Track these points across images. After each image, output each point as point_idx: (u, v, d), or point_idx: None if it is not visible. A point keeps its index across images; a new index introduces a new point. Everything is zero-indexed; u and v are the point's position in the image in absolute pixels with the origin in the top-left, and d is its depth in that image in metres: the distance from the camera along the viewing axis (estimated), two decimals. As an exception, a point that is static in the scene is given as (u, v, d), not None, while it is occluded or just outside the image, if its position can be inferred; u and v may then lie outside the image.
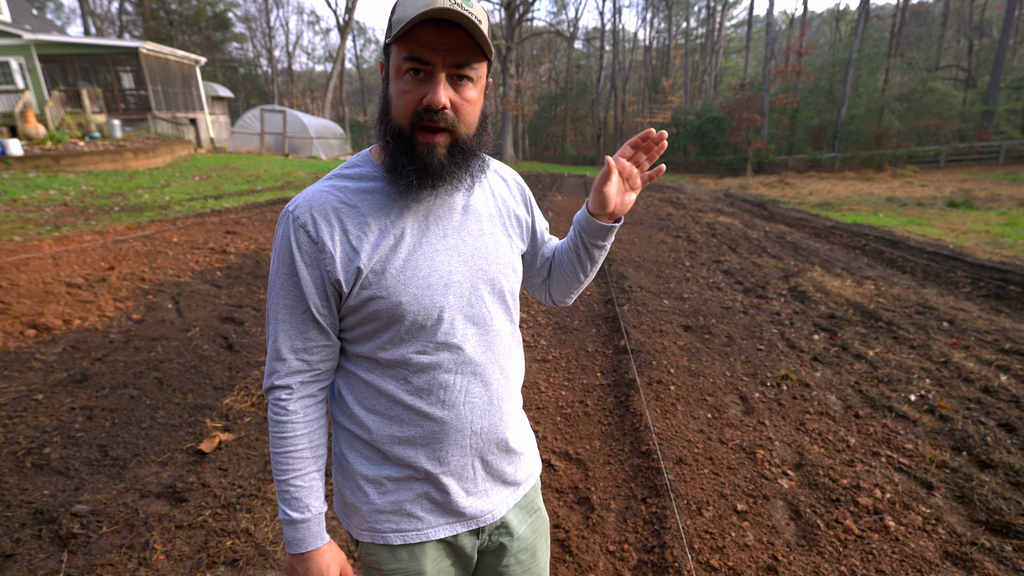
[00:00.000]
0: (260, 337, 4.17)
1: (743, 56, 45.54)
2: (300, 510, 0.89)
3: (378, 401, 0.89)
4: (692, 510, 2.30)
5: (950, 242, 8.48)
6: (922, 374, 3.56)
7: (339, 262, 0.83)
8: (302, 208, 0.84)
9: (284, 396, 0.88)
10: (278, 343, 0.87)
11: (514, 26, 33.95)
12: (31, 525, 2.17)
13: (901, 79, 30.55)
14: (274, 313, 0.87)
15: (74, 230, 7.59)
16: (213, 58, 44.83)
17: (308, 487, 0.90)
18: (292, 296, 0.85)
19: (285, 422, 0.88)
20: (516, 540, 1.01)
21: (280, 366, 0.87)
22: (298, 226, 0.83)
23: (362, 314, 0.85)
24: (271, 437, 0.89)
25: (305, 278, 0.84)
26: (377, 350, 0.87)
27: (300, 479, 0.89)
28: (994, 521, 2.18)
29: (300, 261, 0.83)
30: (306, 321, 0.86)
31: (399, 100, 0.81)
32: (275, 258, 0.87)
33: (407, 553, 0.93)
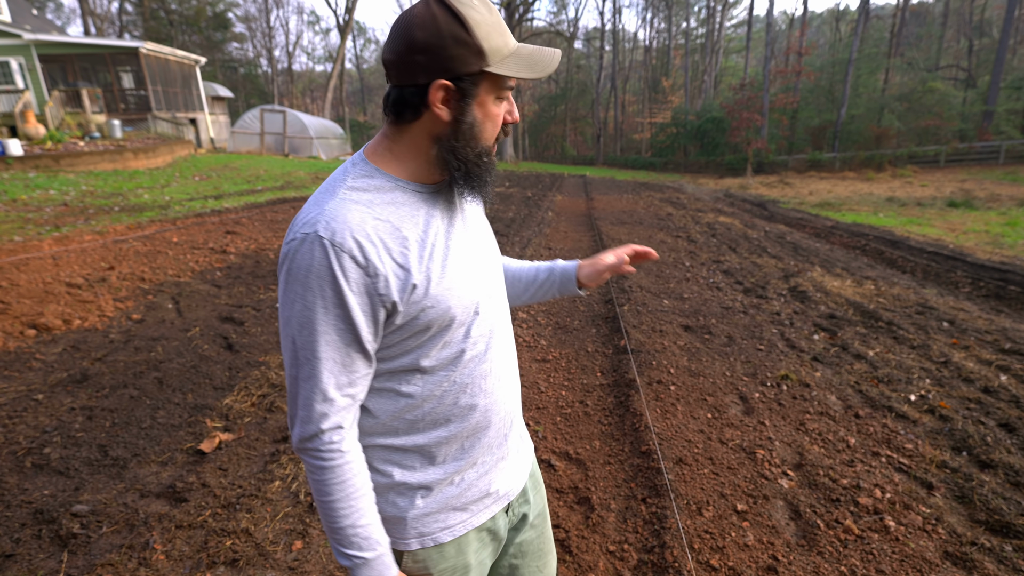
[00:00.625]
0: (260, 337, 4.17)
1: (743, 56, 45.54)
2: (372, 547, 0.84)
3: (418, 408, 0.88)
4: (692, 510, 2.30)
5: (950, 242, 8.48)
6: (922, 374, 3.56)
7: (393, 284, 0.79)
8: (340, 232, 0.76)
9: (335, 438, 0.81)
10: (322, 384, 0.79)
11: (514, 26, 33.96)
12: (31, 525, 2.17)
13: (901, 79, 30.57)
14: (310, 352, 0.78)
15: (74, 230, 7.59)
16: (213, 58, 44.83)
17: (374, 522, 0.85)
18: (336, 330, 0.78)
19: (340, 465, 0.81)
20: (532, 507, 1.09)
21: (327, 407, 0.80)
22: (341, 252, 0.75)
23: (412, 328, 0.83)
24: (321, 486, 0.82)
25: (354, 308, 0.77)
26: (421, 358, 0.86)
27: (366, 517, 0.84)
28: (994, 521, 2.18)
29: (348, 290, 0.76)
30: (352, 354, 0.80)
31: (491, 124, 0.85)
32: (303, 291, 0.77)
33: (454, 548, 0.94)
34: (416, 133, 0.84)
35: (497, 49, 0.79)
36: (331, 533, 0.84)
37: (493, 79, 0.81)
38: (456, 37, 0.76)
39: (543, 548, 1.14)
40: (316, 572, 1.98)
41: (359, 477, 0.84)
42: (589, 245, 8.13)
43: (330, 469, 0.81)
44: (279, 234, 8.08)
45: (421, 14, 0.77)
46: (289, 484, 2.44)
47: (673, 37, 44.55)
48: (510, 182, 18.49)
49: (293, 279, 0.77)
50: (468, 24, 0.76)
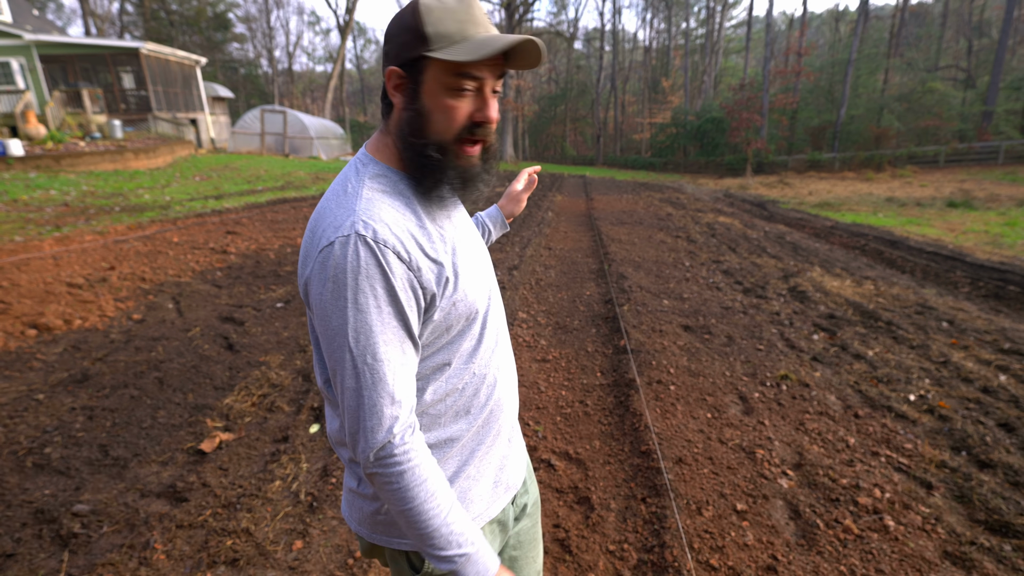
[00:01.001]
0: (261, 337, 4.18)
1: (743, 56, 45.55)
2: (472, 540, 0.81)
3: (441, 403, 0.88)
4: (692, 510, 2.30)
5: (949, 242, 8.49)
6: (921, 374, 3.56)
7: (431, 278, 0.79)
8: (381, 230, 0.75)
9: (407, 439, 0.77)
10: (389, 387, 0.76)
11: (514, 26, 33.95)
12: (32, 525, 2.18)
13: (901, 79, 30.58)
14: (371, 357, 0.75)
15: (75, 230, 7.59)
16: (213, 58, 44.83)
17: (465, 515, 0.82)
18: (390, 329, 0.76)
19: (419, 464, 0.78)
20: (530, 496, 1.12)
21: (397, 410, 0.77)
22: (386, 249, 0.74)
23: (446, 323, 0.83)
24: (403, 493, 0.77)
25: (404, 303, 0.76)
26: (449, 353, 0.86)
27: (456, 511, 0.81)
28: (993, 521, 2.19)
29: (397, 287, 0.75)
30: (407, 351, 0.79)
31: (444, 115, 0.80)
32: (355, 295, 0.74)
33: None
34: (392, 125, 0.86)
35: (446, 35, 0.76)
36: (423, 540, 0.79)
37: (441, 66, 0.77)
38: (407, 24, 0.78)
39: (536, 537, 1.15)
40: (316, 572, 1.98)
41: (437, 472, 0.81)
42: (589, 245, 8.14)
43: (411, 471, 0.77)
44: (279, 234, 8.09)
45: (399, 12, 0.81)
46: (289, 484, 2.45)
47: (673, 37, 44.56)
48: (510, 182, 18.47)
49: (339, 285, 0.74)
50: (420, 10, 0.77)
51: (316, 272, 0.76)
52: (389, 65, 0.80)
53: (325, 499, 2.35)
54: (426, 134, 0.81)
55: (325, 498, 2.36)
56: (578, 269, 6.67)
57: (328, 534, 2.17)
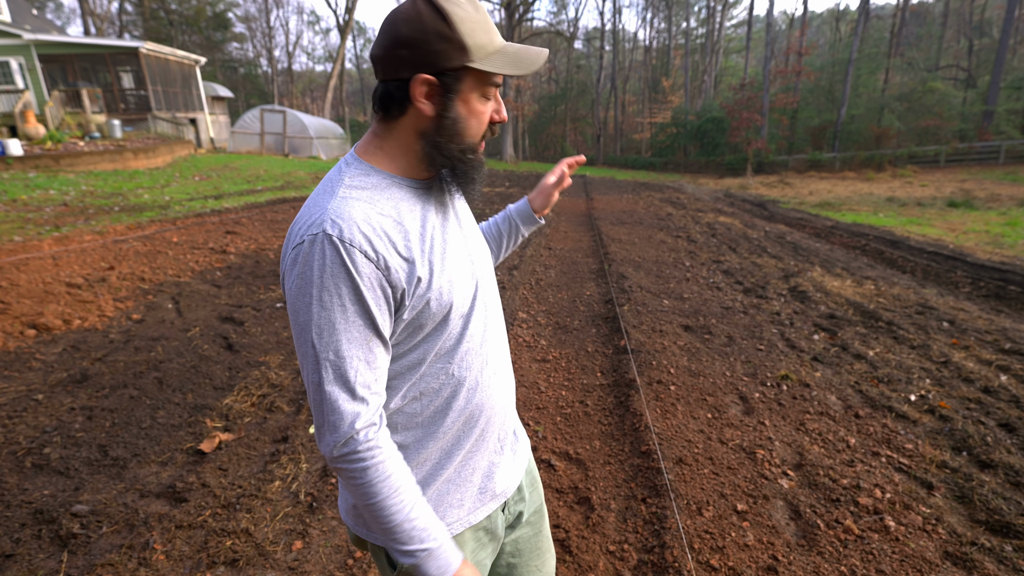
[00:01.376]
0: (260, 337, 4.17)
1: (743, 56, 45.54)
2: (434, 537, 0.83)
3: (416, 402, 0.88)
4: (692, 510, 2.30)
5: (950, 242, 8.48)
6: (922, 374, 3.56)
7: (401, 276, 0.80)
8: (348, 228, 0.76)
9: (371, 435, 0.79)
10: (351, 383, 0.78)
11: (514, 26, 33.93)
12: (31, 525, 2.17)
13: (901, 79, 30.58)
14: (334, 354, 0.77)
15: (74, 230, 7.59)
16: (213, 58, 44.83)
17: (427, 510, 0.84)
18: (355, 327, 0.77)
19: (382, 461, 0.79)
20: (528, 505, 1.10)
21: (359, 407, 0.78)
22: (352, 248, 0.75)
23: (417, 322, 0.84)
24: (366, 488, 0.79)
25: (370, 301, 0.77)
26: (423, 353, 0.87)
27: (418, 507, 0.83)
28: (994, 521, 2.18)
29: (362, 285, 0.76)
30: (374, 349, 0.80)
31: (477, 120, 0.85)
32: (319, 293, 0.76)
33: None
34: (403, 129, 0.85)
35: (481, 46, 0.81)
36: (387, 535, 0.82)
37: (477, 76, 0.82)
38: (439, 32, 0.78)
39: (541, 547, 1.13)
40: (316, 572, 1.98)
41: (402, 469, 0.82)
42: (589, 245, 8.13)
43: (373, 468, 0.79)
44: (279, 234, 8.08)
45: (407, 10, 0.79)
46: (289, 484, 2.44)
47: (673, 37, 44.54)
48: (510, 182, 18.49)
49: (306, 282, 0.76)
50: (451, 19, 0.78)
51: (288, 269, 0.79)
52: (417, 72, 0.79)
53: (325, 499, 2.35)
54: (463, 139, 0.85)
55: (325, 498, 2.36)
56: (578, 269, 6.66)
57: (328, 534, 2.16)
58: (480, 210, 11.15)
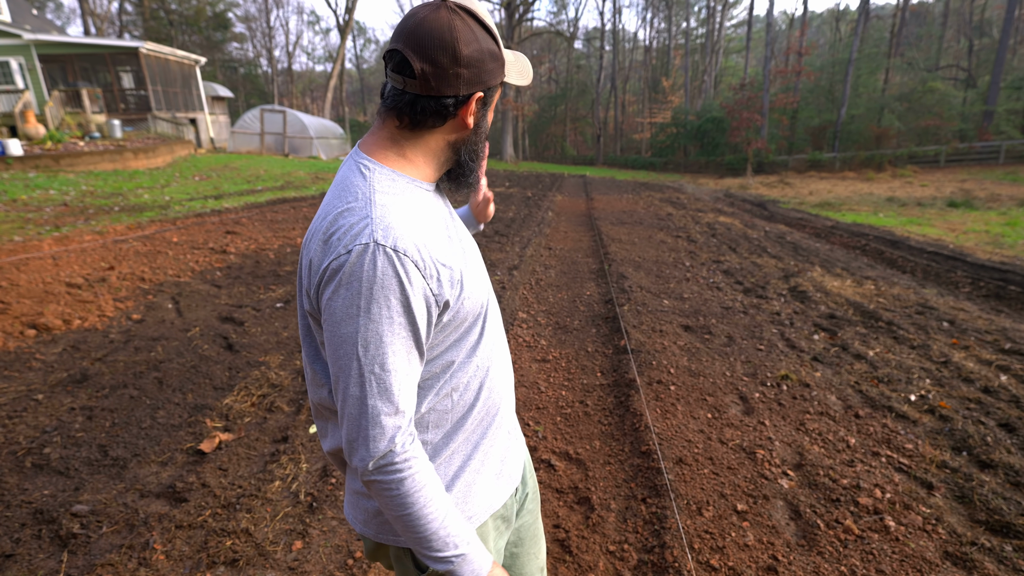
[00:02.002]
0: (260, 337, 4.17)
1: (743, 56, 45.54)
2: (466, 539, 0.83)
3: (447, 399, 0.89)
4: (692, 510, 2.30)
5: (950, 242, 8.48)
6: (922, 374, 3.56)
7: (445, 282, 0.79)
8: (401, 239, 0.75)
9: (407, 447, 0.78)
10: (394, 397, 0.76)
11: (514, 26, 33.93)
12: (31, 525, 2.17)
13: (901, 79, 30.58)
14: (379, 367, 0.75)
15: (74, 230, 7.59)
16: (213, 58, 44.83)
17: (458, 515, 0.84)
18: (399, 339, 0.76)
19: (418, 471, 0.78)
20: (529, 491, 1.14)
21: (400, 420, 0.77)
22: (405, 258, 0.74)
23: (455, 322, 0.84)
24: (403, 499, 0.77)
25: (418, 314, 0.77)
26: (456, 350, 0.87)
27: (451, 512, 0.82)
28: (994, 521, 2.18)
29: (412, 296, 0.75)
30: (413, 361, 0.79)
31: (489, 127, 0.93)
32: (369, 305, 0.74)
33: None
34: (435, 138, 0.86)
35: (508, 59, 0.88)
36: (421, 543, 0.80)
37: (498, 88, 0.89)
38: (491, 51, 0.82)
39: (537, 534, 1.16)
40: (316, 572, 1.98)
41: (434, 477, 0.82)
42: (589, 245, 8.13)
43: (410, 479, 0.77)
44: (279, 234, 8.08)
45: (461, 27, 0.77)
46: (289, 484, 2.44)
47: (673, 37, 44.54)
48: (510, 182, 18.49)
49: (353, 294, 0.74)
50: (496, 37, 0.83)
51: (327, 279, 0.75)
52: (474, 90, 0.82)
53: (325, 499, 2.35)
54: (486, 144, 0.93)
55: (325, 498, 2.36)
56: (578, 269, 6.66)
57: (328, 534, 2.16)
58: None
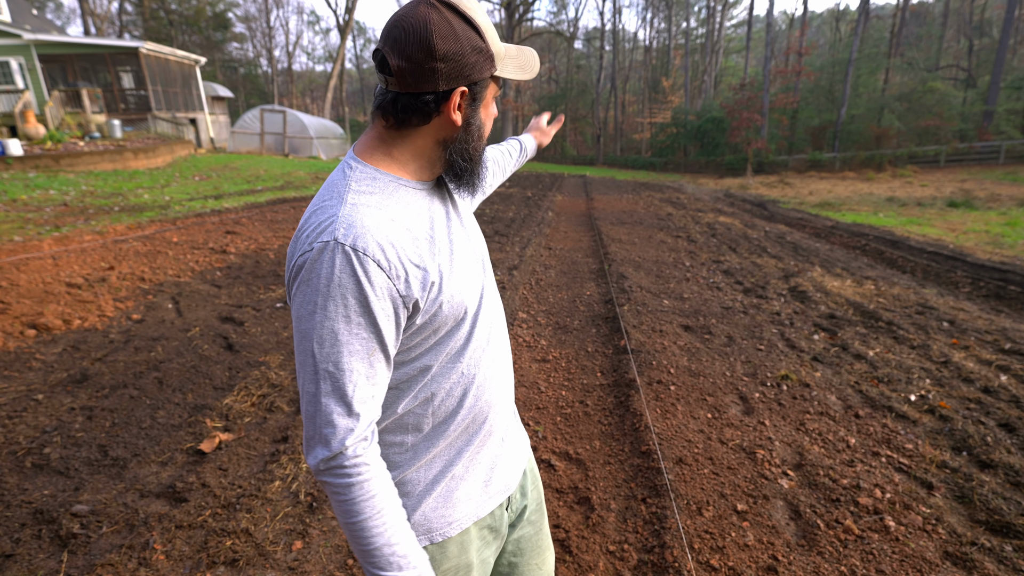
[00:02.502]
0: (260, 337, 4.17)
1: (743, 56, 45.54)
2: (413, 566, 0.80)
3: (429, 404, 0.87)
4: (692, 510, 2.30)
5: (950, 242, 8.48)
6: (922, 374, 3.56)
7: (414, 284, 0.77)
8: (362, 237, 0.74)
9: (360, 451, 0.76)
10: (348, 397, 0.75)
11: (514, 26, 33.94)
12: (31, 525, 2.17)
13: (901, 79, 30.56)
14: (333, 365, 0.74)
15: (74, 230, 7.59)
16: (213, 58, 44.82)
17: (409, 537, 0.81)
18: (358, 339, 0.75)
19: (369, 479, 0.77)
20: (530, 502, 1.10)
21: (353, 422, 0.75)
22: (365, 258, 0.73)
23: (430, 326, 0.83)
24: (350, 506, 0.76)
25: (379, 315, 0.75)
26: (435, 354, 0.86)
27: (400, 532, 0.79)
28: (994, 521, 2.18)
29: (373, 296, 0.74)
30: (375, 363, 0.77)
31: (489, 123, 0.90)
32: (325, 302, 0.73)
33: (456, 546, 0.93)
34: (421, 136, 0.84)
35: (500, 53, 0.84)
36: (365, 556, 0.78)
37: (494, 81, 0.86)
38: (474, 44, 0.79)
39: (541, 544, 1.13)
40: (316, 572, 1.98)
41: (388, 489, 0.80)
42: (589, 245, 8.13)
43: (358, 485, 0.76)
44: (279, 234, 8.08)
45: (437, 21, 0.76)
46: (289, 484, 2.44)
47: (673, 37, 44.53)
48: (510, 182, 18.49)
49: (312, 290, 0.74)
50: (480, 30, 0.80)
51: (294, 275, 0.76)
52: (455, 85, 0.79)
53: (325, 499, 2.35)
54: (482, 142, 0.89)
55: (325, 498, 2.36)
56: (578, 269, 6.66)
57: (328, 534, 2.16)
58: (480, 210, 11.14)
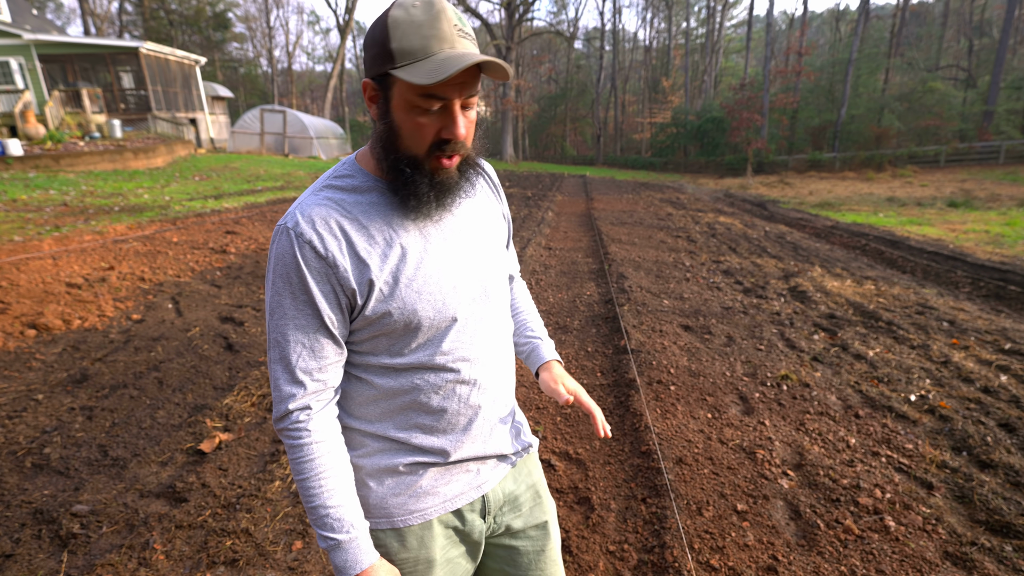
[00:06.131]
0: (260, 337, 4.17)
1: (743, 56, 45.52)
2: (346, 530, 0.85)
3: (388, 400, 0.91)
4: (692, 510, 2.30)
5: (950, 242, 8.48)
6: (922, 374, 3.56)
7: (351, 275, 0.82)
8: (303, 223, 0.81)
9: (303, 417, 0.85)
10: (291, 365, 0.84)
11: (514, 26, 33.93)
12: (31, 525, 2.17)
13: (901, 79, 30.56)
14: (281, 335, 0.83)
15: (74, 230, 7.59)
16: (213, 58, 44.82)
17: (346, 504, 0.87)
18: (303, 315, 0.83)
19: (308, 444, 0.85)
20: (525, 518, 1.05)
21: (296, 389, 0.84)
22: (303, 242, 0.80)
23: (377, 327, 0.86)
24: (295, 465, 0.85)
25: (316, 293, 0.82)
26: (392, 356, 0.88)
27: (336, 498, 0.86)
28: (994, 521, 2.18)
29: (309, 277, 0.81)
30: (320, 339, 0.84)
31: (415, 133, 0.81)
32: (275, 278, 0.82)
33: (415, 539, 0.93)
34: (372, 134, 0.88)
35: (409, 52, 0.75)
36: (308, 513, 0.86)
37: (405, 84, 0.77)
38: (376, 37, 0.78)
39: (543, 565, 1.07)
40: (316, 572, 1.98)
41: (330, 457, 0.86)
42: (589, 245, 8.13)
43: (299, 447, 0.85)
44: (279, 234, 8.08)
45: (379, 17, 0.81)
46: (289, 484, 2.44)
47: (673, 37, 44.53)
48: (510, 182, 18.49)
49: (269, 267, 0.84)
50: (389, 24, 0.76)
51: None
52: (367, 75, 0.82)
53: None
54: (398, 148, 0.83)
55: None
56: (578, 269, 6.66)
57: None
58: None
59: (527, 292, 1.24)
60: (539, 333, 1.18)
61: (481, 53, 0.79)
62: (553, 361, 1.13)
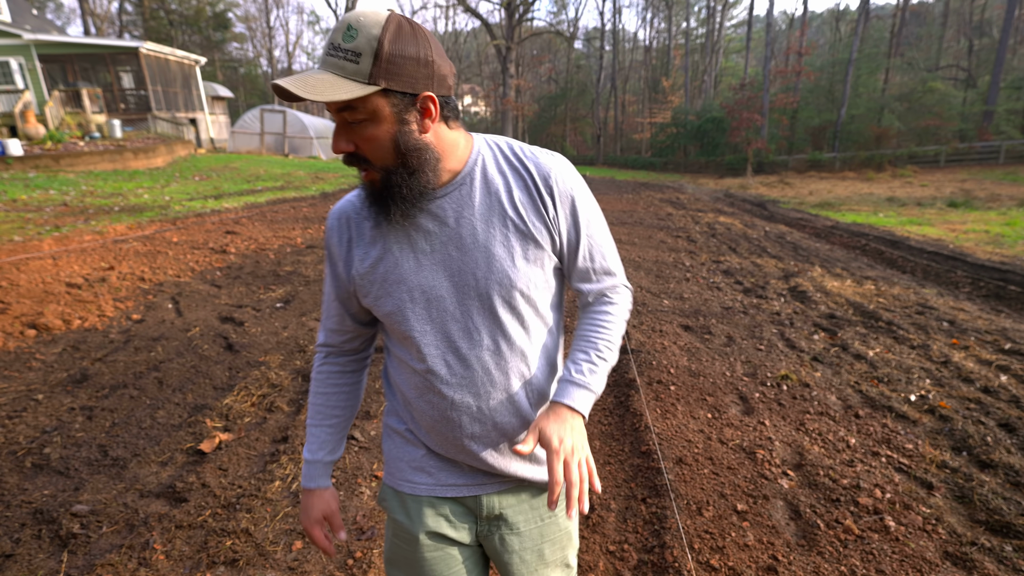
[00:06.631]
0: (260, 337, 4.17)
1: (743, 56, 45.51)
2: (310, 451, 1.07)
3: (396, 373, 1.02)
4: (692, 510, 2.30)
5: (950, 242, 8.48)
6: (922, 374, 3.56)
7: (340, 266, 0.98)
8: (333, 214, 0.98)
9: (316, 360, 1.09)
10: (324, 314, 1.06)
11: (514, 26, 33.94)
12: (31, 525, 2.17)
13: (901, 79, 30.55)
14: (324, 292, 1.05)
15: (74, 230, 7.59)
16: (213, 58, 44.81)
17: (317, 436, 1.06)
18: (329, 284, 1.03)
19: (316, 376, 1.08)
20: (519, 537, 1.01)
21: (320, 335, 1.08)
22: (328, 230, 0.99)
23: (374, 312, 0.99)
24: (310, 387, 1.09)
25: (329, 270, 1.01)
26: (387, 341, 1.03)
27: (315, 428, 1.07)
28: (994, 521, 2.18)
29: (327, 255, 1.01)
30: (332, 306, 1.04)
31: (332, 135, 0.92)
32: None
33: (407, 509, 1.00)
34: None
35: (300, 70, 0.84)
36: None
37: None
38: None
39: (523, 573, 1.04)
40: (316, 572, 1.98)
41: (322, 396, 1.07)
42: (589, 245, 8.12)
43: (314, 378, 1.09)
44: (279, 234, 8.08)
45: None
46: (289, 484, 2.44)
47: (673, 37, 44.51)
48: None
49: None
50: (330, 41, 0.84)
51: None
52: None
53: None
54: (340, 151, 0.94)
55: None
56: (578, 269, 6.65)
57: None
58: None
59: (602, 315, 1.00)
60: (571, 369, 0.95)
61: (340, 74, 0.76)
62: (561, 405, 0.90)
